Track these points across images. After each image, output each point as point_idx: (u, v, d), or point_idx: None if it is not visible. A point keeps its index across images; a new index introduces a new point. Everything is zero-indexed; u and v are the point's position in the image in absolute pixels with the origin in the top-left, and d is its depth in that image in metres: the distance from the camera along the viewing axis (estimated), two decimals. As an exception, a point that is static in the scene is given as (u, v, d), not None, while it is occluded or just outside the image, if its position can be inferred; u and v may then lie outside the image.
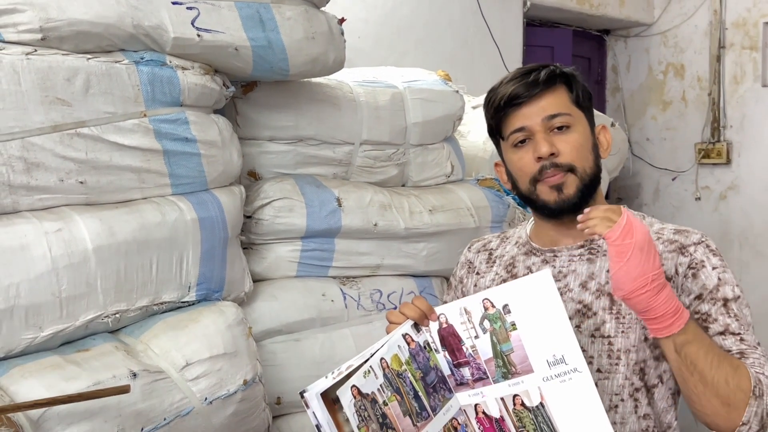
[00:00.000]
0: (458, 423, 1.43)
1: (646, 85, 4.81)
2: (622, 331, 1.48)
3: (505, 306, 1.37)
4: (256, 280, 2.38)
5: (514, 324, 1.36)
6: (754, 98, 4.30)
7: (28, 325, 1.75)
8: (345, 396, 1.26)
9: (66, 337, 1.83)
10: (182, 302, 2.06)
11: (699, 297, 1.44)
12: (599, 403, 1.33)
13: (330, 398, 1.26)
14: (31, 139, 1.78)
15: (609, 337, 1.47)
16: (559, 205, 1.50)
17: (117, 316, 1.90)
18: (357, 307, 2.53)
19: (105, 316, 1.88)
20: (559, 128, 1.49)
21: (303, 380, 2.35)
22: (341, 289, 2.51)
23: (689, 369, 1.33)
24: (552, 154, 1.47)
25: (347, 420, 1.25)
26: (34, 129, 1.78)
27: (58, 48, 1.83)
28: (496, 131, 1.56)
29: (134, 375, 1.80)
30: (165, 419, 1.83)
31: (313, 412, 1.25)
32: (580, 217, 1.34)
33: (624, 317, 1.47)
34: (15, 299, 1.71)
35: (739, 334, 1.40)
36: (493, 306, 1.38)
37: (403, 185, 2.82)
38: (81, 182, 1.87)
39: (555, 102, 1.50)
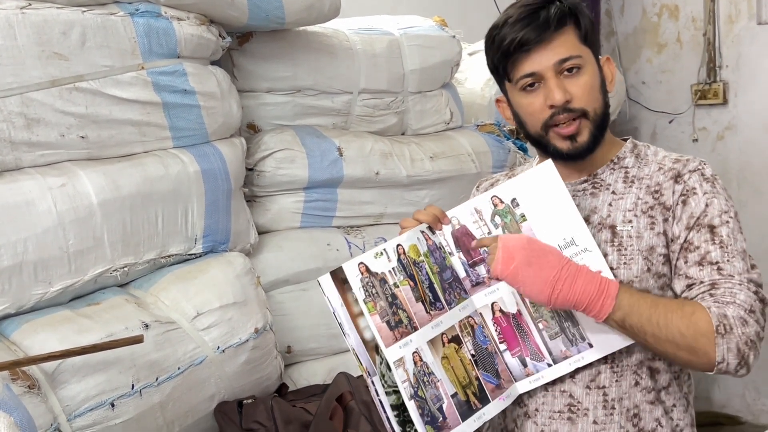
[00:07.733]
0: (474, 322, 1.44)
1: (640, 27, 4.76)
2: (624, 263, 1.48)
3: (513, 200, 1.43)
4: (261, 232, 2.38)
5: (524, 215, 1.42)
6: (750, 37, 4.25)
7: (38, 281, 1.76)
8: (351, 270, 1.29)
9: (76, 291, 1.84)
10: (189, 254, 2.06)
11: (687, 225, 1.44)
12: (611, 277, 1.37)
13: (340, 278, 1.29)
14: (30, 95, 1.76)
15: (612, 269, 1.47)
16: (573, 153, 1.49)
17: (125, 269, 1.91)
18: (362, 255, 2.53)
19: (113, 270, 1.88)
20: (569, 70, 1.47)
21: (312, 329, 2.38)
22: (346, 238, 2.52)
23: (640, 336, 1.35)
24: (566, 101, 1.46)
25: (356, 300, 1.29)
26: (32, 84, 1.77)
27: (52, 1, 1.81)
28: (501, 73, 1.54)
29: (146, 326, 1.81)
30: (179, 368, 1.85)
31: (328, 298, 1.28)
32: (473, 243, 1.41)
33: (626, 249, 1.46)
34: (23, 255, 1.72)
35: (717, 263, 1.39)
36: (502, 202, 1.43)
37: (403, 133, 2.80)
38: (82, 137, 1.86)
39: (565, 44, 1.46)
